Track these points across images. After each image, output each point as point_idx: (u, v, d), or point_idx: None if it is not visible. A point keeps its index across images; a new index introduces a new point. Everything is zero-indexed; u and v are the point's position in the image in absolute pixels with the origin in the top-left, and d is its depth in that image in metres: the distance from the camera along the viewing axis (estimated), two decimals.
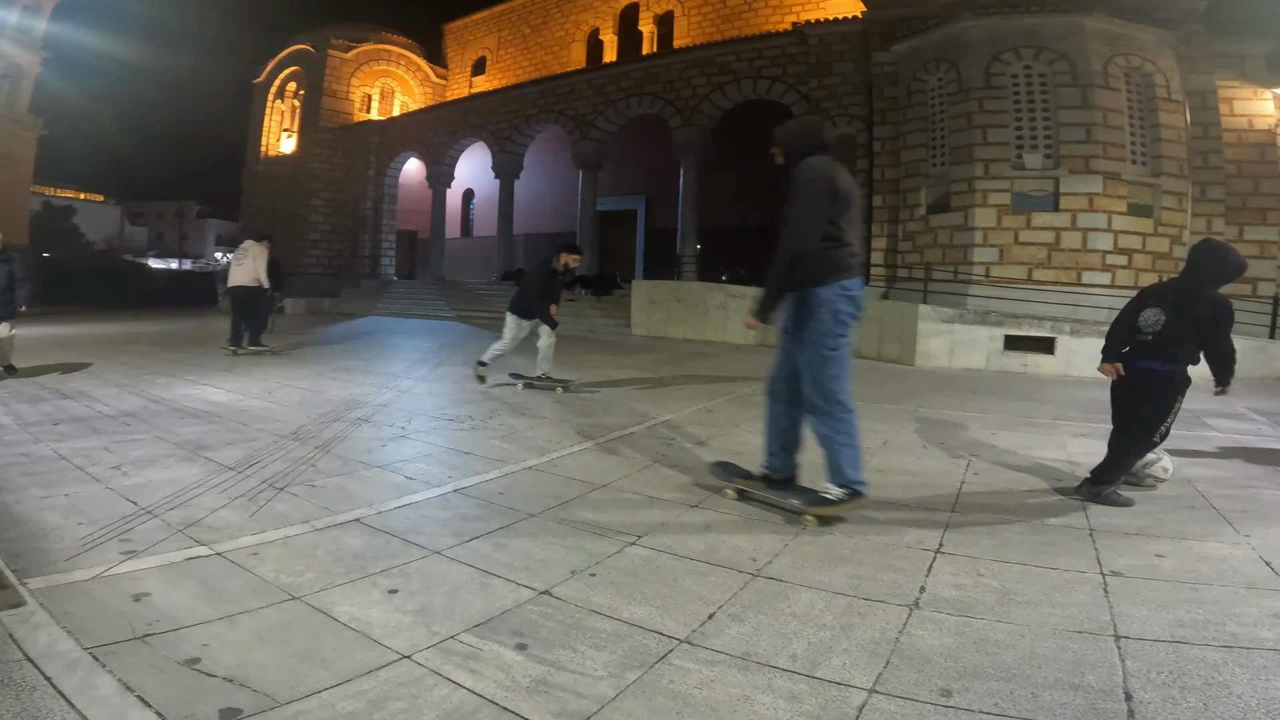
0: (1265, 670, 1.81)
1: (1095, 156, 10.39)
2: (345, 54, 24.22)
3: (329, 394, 6.02)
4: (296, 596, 2.20)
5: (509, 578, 2.40)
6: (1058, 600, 2.25)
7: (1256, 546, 2.73)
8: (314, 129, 23.62)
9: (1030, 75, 10.76)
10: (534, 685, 1.75)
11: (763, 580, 2.42)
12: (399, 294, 20.80)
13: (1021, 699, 1.69)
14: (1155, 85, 10.73)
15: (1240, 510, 3.23)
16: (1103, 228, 10.38)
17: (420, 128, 22.51)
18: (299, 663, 1.81)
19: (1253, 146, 11.28)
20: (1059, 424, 5.44)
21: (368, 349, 10.15)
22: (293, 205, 23.73)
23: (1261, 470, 4.07)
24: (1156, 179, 10.66)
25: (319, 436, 4.39)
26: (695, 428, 4.99)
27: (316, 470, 3.63)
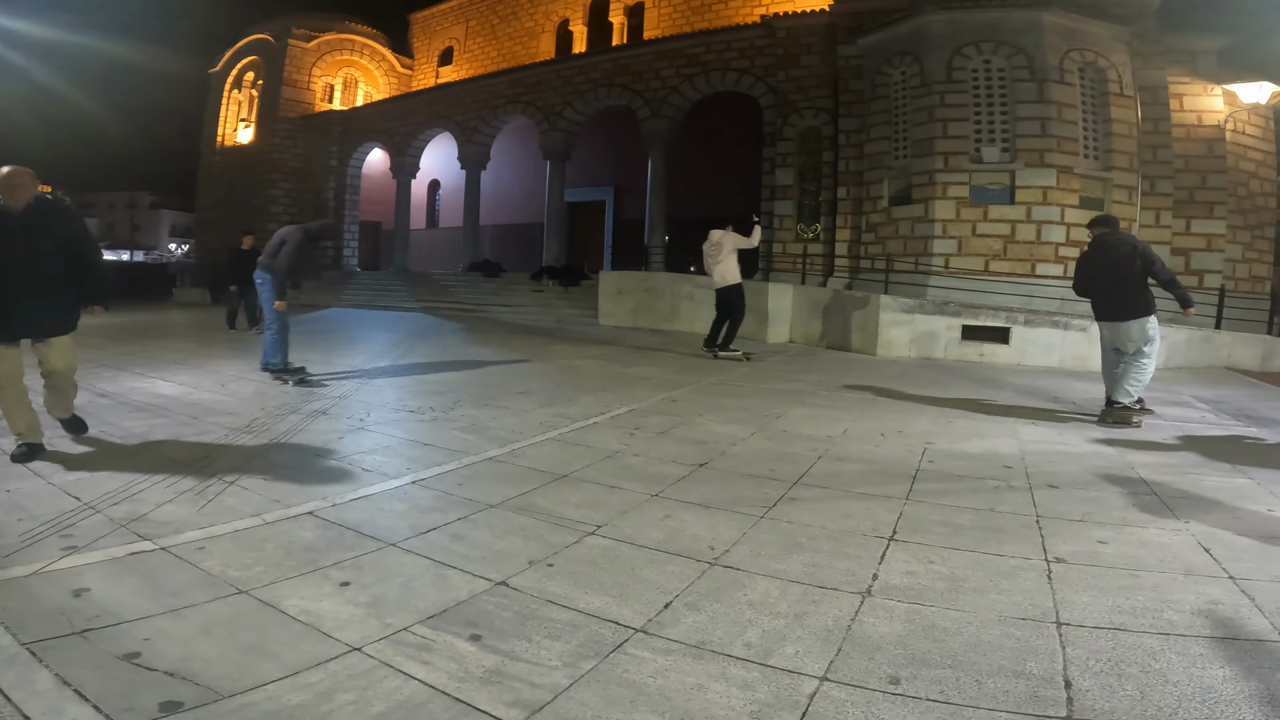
0: (1201, 659, 1.84)
1: (1050, 150, 10.59)
2: (307, 44, 23.67)
3: (286, 386, 5.87)
4: (244, 590, 2.15)
5: (465, 569, 2.37)
6: (1004, 587, 2.31)
7: (1196, 533, 2.82)
8: (273, 119, 23.08)
9: (990, 69, 10.93)
10: (487, 676, 1.74)
11: (720, 569, 2.43)
12: (362, 285, 20.42)
13: (966, 686, 1.72)
14: (1108, 80, 10.96)
15: (1181, 497, 3.34)
16: (1056, 220, 10.62)
17: (385, 118, 22.12)
18: (244, 656, 1.79)
19: (1201, 141, 11.54)
20: (1012, 411, 5.58)
21: (328, 340, 9.94)
22: (251, 196, 23.16)
23: (1203, 457, 4.22)
24: (1107, 173, 10.92)
25: (273, 429, 4.29)
26: (659, 417, 5.00)
27: (269, 463, 3.54)
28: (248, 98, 24.38)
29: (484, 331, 11.52)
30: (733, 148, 15.73)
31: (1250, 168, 12.17)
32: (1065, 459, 4.09)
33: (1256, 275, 12.26)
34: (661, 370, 7.42)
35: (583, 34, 22.03)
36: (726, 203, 16.40)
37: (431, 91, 21.84)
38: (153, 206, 58.50)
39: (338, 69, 24.74)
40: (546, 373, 7.13)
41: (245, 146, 24.10)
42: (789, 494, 3.31)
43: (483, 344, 9.65)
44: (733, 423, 4.89)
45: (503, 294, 16.65)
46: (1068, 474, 3.74)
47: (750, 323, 11.13)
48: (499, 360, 7.98)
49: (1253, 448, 4.46)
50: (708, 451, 4.07)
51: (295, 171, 23.42)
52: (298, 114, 23.37)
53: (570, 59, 18.75)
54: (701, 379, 6.89)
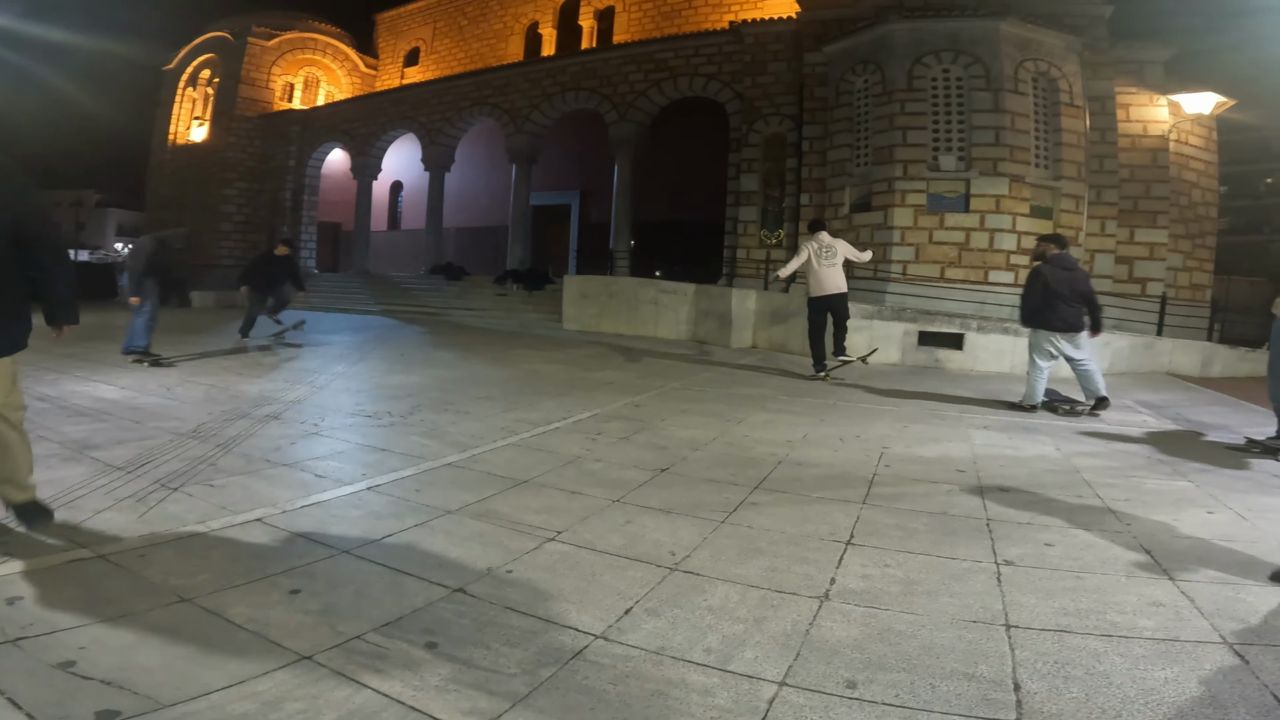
0: (1143, 660, 1.90)
1: (1003, 159, 10.82)
2: (267, 42, 23.12)
3: (236, 390, 5.69)
4: (186, 599, 2.08)
5: (422, 575, 2.33)
6: (956, 590, 2.35)
7: (1137, 535, 2.92)
8: (229, 117, 22.47)
9: (949, 78, 11.15)
10: (444, 684, 1.71)
11: (681, 574, 2.43)
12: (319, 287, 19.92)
13: (921, 690, 1.75)
14: (1060, 90, 11.23)
15: (1124, 499, 3.46)
16: (1008, 229, 10.86)
17: (347, 118, 21.71)
18: (187, 665, 1.73)
19: (1146, 151, 11.91)
20: (964, 417, 5.73)
21: None
22: (204, 195, 22.51)
23: (1145, 460, 4.38)
24: (1056, 182, 11.19)
25: (221, 434, 4.15)
26: (621, 422, 4.99)
27: (216, 469, 3.43)
28: (203, 95, 23.73)
29: (446, 335, 11.36)
30: (699, 153, 15.85)
31: (1192, 178, 12.61)
32: (1014, 462, 4.21)
33: (1197, 283, 12.74)
34: (625, 375, 7.41)
35: (552, 37, 21.97)
36: (692, 208, 16.54)
37: (396, 92, 21.53)
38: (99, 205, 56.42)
39: (299, 68, 24.22)
40: (508, 377, 7.06)
41: (199, 145, 23.42)
42: (749, 499, 3.33)
43: (444, 348, 9.52)
44: (695, 428, 4.91)
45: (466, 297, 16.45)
46: (1016, 477, 3.85)
47: (713, 328, 11.23)
48: (460, 364, 7.88)
49: (1192, 451, 4.65)
50: (670, 456, 4.08)
51: (251, 171, 22.82)
52: (255, 113, 22.80)
53: (539, 61, 18.66)
54: (665, 384, 6.91)
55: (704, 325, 11.45)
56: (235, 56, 22.78)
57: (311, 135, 22.47)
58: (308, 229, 22.95)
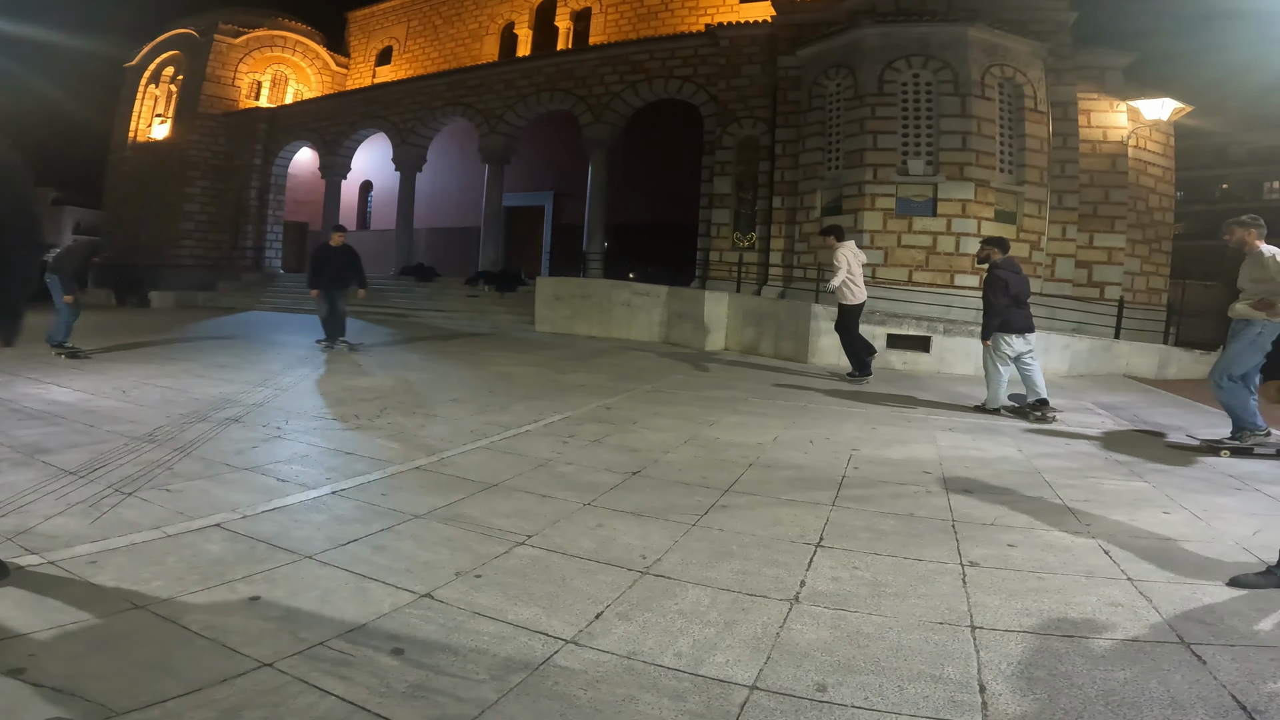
0: (1104, 660, 1.93)
1: (969, 164, 10.99)
2: (234, 39, 22.68)
3: (195, 393, 5.53)
4: (140, 605, 2.02)
5: (388, 581, 2.28)
6: (923, 591, 2.38)
7: (1096, 535, 2.99)
8: (193, 115, 21.97)
9: (918, 83, 11.30)
10: (411, 690, 1.68)
11: (651, 577, 2.43)
12: (285, 288, 19.55)
13: (889, 692, 1.76)
14: (1024, 96, 11.43)
15: (1083, 500, 3.54)
16: (973, 233, 10.94)
17: (316, 116, 21.36)
18: (141, 672, 1.67)
19: (1105, 157, 12.09)
20: (931, 419, 5.82)
21: (245, 345, 9.46)
22: (164, 194, 21.97)
23: (1104, 461, 4.50)
24: (1020, 187, 11.38)
25: (179, 438, 4.03)
26: (593, 425, 4.97)
27: (173, 474, 3.32)
28: (165, 93, 23.22)
29: (415, 337, 11.21)
30: (673, 156, 15.88)
31: (1150, 183, 12.91)
32: (978, 464, 4.28)
33: (1153, 287, 13.08)
34: (597, 377, 7.39)
35: (528, 38, 21.87)
36: (666, 210, 16.58)
37: (367, 91, 21.26)
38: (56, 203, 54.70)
39: (266, 65, 23.80)
40: (479, 379, 6.99)
41: (160, 143, 22.88)
42: (720, 501, 3.33)
43: (413, 349, 9.39)
44: (666, 430, 4.91)
45: (436, 299, 16.27)
46: (980, 479, 3.92)
47: (686, 330, 11.26)
48: (429, 366, 7.79)
49: (1148, 452, 4.78)
50: (641, 459, 4.07)
51: (214, 169, 22.34)
52: (220, 110, 22.35)
53: (514, 62, 18.56)
54: (637, 386, 6.90)
55: (677, 328, 11.48)
56: (200, 54, 22.32)
57: (279, 133, 22.07)
58: (273, 228, 22.54)
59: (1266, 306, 4.55)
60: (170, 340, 9.57)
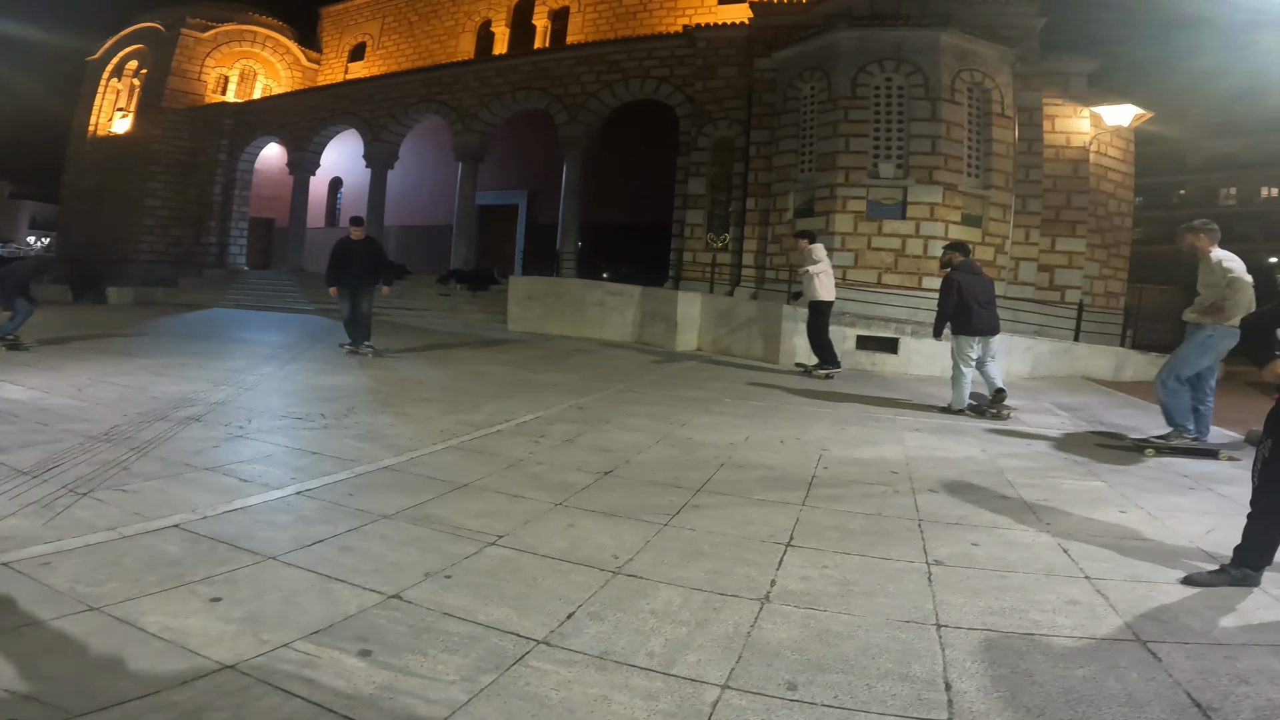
0: (1064, 658, 1.97)
1: (938, 168, 11.14)
2: (202, 34, 22.30)
3: (154, 391, 5.37)
4: (95, 607, 1.96)
5: (354, 582, 2.25)
6: (890, 590, 2.41)
7: (1056, 534, 3.06)
8: (156, 109, 21.52)
9: (890, 87, 11.42)
10: (378, 692, 1.66)
11: (624, 577, 2.42)
12: (250, 285, 19.13)
13: (858, 691, 1.78)
14: (992, 101, 11.61)
15: (1042, 499, 3.63)
16: (941, 236, 11.06)
17: (284, 112, 20.99)
18: (97, 674, 1.63)
19: (1068, 162, 12.34)
20: (899, 419, 5.92)
21: (207, 342, 9.23)
22: (125, 188, 21.46)
23: (1063, 461, 4.61)
24: (986, 191, 11.55)
25: (136, 437, 3.91)
26: (565, 425, 4.95)
27: (130, 473, 3.23)
28: (128, 87, 22.77)
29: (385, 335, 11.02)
30: (648, 156, 15.88)
31: (1110, 188, 13.23)
32: (944, 464, 4.36)
33: (1111, 291, 13.42)
34: (570, 377, 7.36)
35: (505, 36, 21.71)
36: (640, 210, 16.57)
37: (339, 87, 20.96)
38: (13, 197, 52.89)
39: (235, 60, 23.41)
40: (450, 378, 6.91)
41: (121, 137, 22.39)
42: (692, 501, 3.34)
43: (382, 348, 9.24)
44: (639, 430, 4.91)
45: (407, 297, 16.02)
46: (945, 478, 3.99)
47: (659, 330, 11.28)
48: (398, 365, 7.67)
49: (1105, 452, 4.92)
50: (613, 459, 4.06)
51: (177, 164, 21.90)
52: (185, 105, 21.95)
53: (490, 60, 18.43)
54: (610, 386, 6.89)
55: (650, 328, 11.49)
56: (166, 47, 21.92)
57: (245, 129, 21.68)
58: (238, 224, 22.15)
59: (1215, 311, 4.70)
60: (128, 337, 9.29)
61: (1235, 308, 4.63)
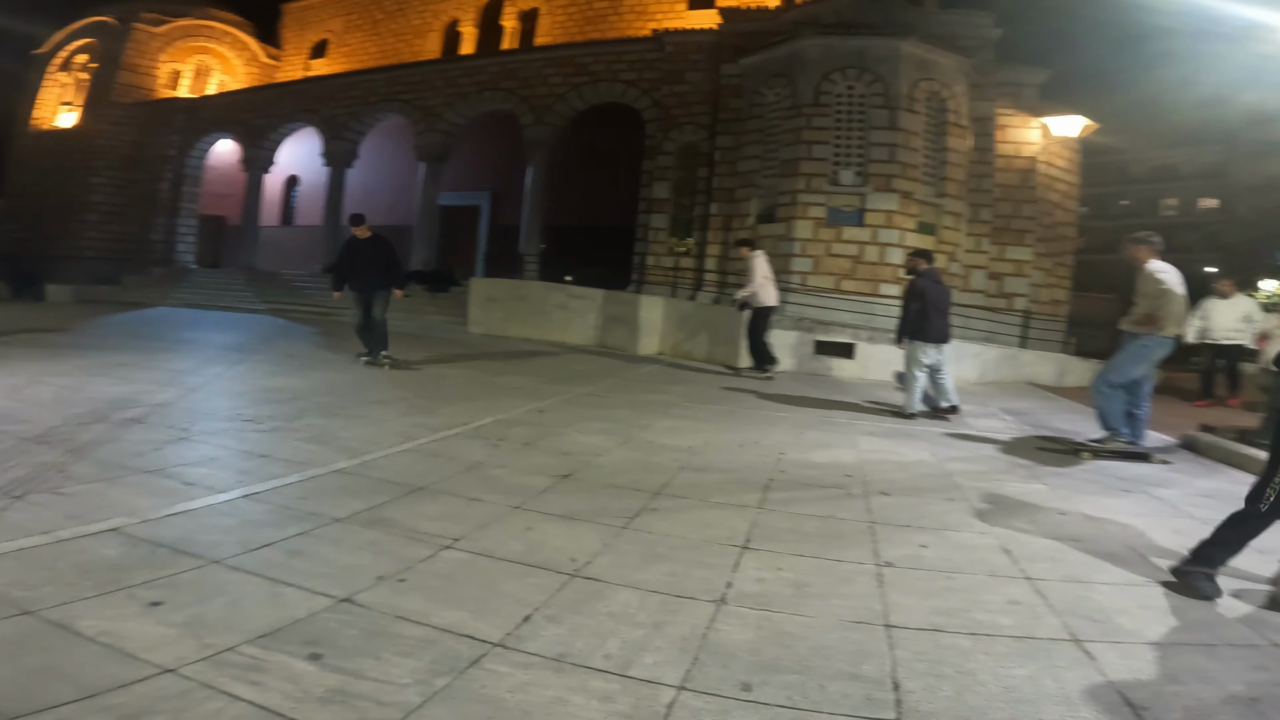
0: (1005, 658, 2.03)
1: (896, 176, 11.37)
2: (156, 28, 21.70)
3: (92, 392, 5.14)
4: (29, 611, 1.89)
5: (304, 586, 2.20)
6: (843, 591, 2.46)
7: (999, 536, 3.16)
8: (104, 104, 20.89)
9: (852, 95, 11.62)
10: (329, 695, 1.63)
11: (581, 580, 2.42)
12: (199, 283, 18.52)
13: (811, 691, 1.81)
14: (949, 110, 11.89)
15: (988, 502, 3.75)
16: (896, 243, 11.38)
17: (239, 108, 20.47)
18: (30, 678, 1.58)
19: (1018, 172, 12.67)
20: (854, 423, 6.05)
21: (151, 342, 8.90)
22: (68, 184, 20.75)
23: (1007, 465, 4.78)
24: (941, 199, 11.84)
25: (74, 439, 3.75)
26: (525, 428, 4.92)
27: (67, 476, 3.09)
28: (75, 80, 22.10)
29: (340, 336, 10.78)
30: (613, 159, 15.87)
31: (1057, 198, 13.62)
32: (895, 467, 4.48)
33: (1056, 299, 13.87)
34: (530, 380, 7.31)
35: (473, 36, 21.51)
36: (605, 213, 16.55)
37: (298, 84, 20.55)
38: None
39: (189, 55, 22.85)
40: (407, 381, 6.80)
41: (66, 131, 21.65)
42: (651, 504, 3.36)
43: (338, 350, 9.04)
44: (599, 434, 4.91)
45: None
46: (897, 481, 4.09)
47: (621, 334, 11.28)
48: (354, 367, 7.52)
49: (1046, 455, 5.10)
50: (573, 463, 4.05)
51: (124, 160, 21.23)
52: (134, 100, 21.33)
53: (456, 60, 18.27)
54: (571, 389, 6.87)
55: (612, 331, 11.49)
56: (118, 41, 21.30)
57: (198, 125, 21.12)
58: (187, 222, 21.51)
59: (1149, 321, 4.92)
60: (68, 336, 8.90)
61: (1168, 318, 4.86)
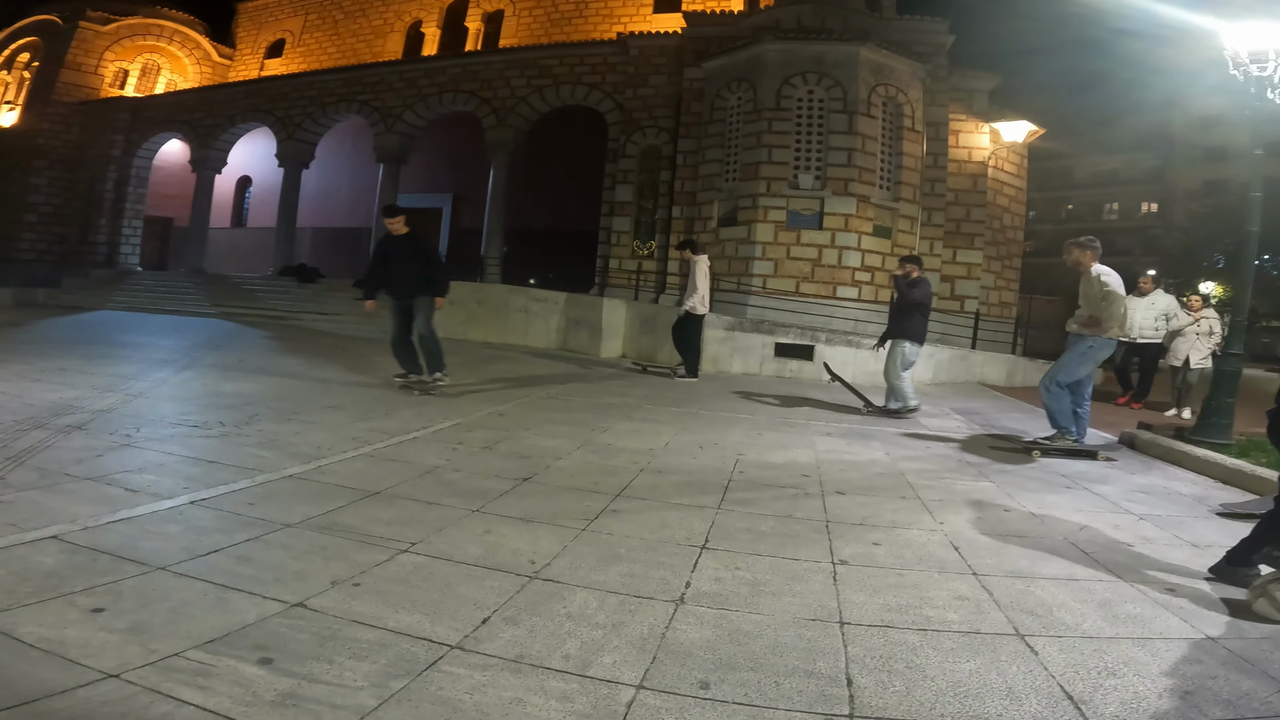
0: (952, 653, 2.08)
1: (853, 180, 11.67)
2: (102, 26, 21.11)
3: (31, 398, 4.92)
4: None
5: (254, 591, 2.15)
6: (798, 590, 2.50)
7: (948, 533, 3.26)
8: (45, 103, 20.28)
9: (812, 99, 11.87)
10: (280, 699, 1.60)
11: (540, 582, 2.42)
12: (143, 286, 17.85)
13: (767, 688, 1.83)
14: (904, 115, 12.23)
15: (938, 500, 3.86)
16: (854, 246, 11.69)
17: (189, 108, 19.91)
18: None
19: (968, 176, 13.12)
20: (811, 424, 6.16)
21: (92, 346, 8.55)
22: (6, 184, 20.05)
23: (957, 463, 4.92)
24: (895, 203, 12.17)
25: (11, 446, 3.58)
26: (484, 431, 4.88)
27: (3, 484, 2.96)
28: (18, 79, 21.38)
29: (295, 340, 10.54)
30: (576, 162, 15.88)
31: (1005, 202, 14.12)
32: (850, 467, 4.58)
33: (1005, 301, 14.36)
34: (491, 384, 7.25)
35: (435, 37, 21.25)
36: (567, 216, 16.53)
37: (252, 84, 20.07)
38: None
39: (137, 54, 22.18)
40: (364, 385, 6.68)
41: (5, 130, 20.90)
42: (610, 506, 3.37)
43: (291, 354, 8.84)
44: (559, 437, 4.90)
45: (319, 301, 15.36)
46: (851, 480, 4.19)
47: (584, 337, 11.27)
48: (309, 371, 7.36)
49: (995, 454, 5.28)
50: (532, 466, 4.04)
51: (65, 159, 20.61)
52: (78, 99, 20.68)
53: (417, 61, 18.05)
54: (530, 393, 6.84)
55: (574, 334, 11.47)
56: (62, 40, 20.73)
57: (144, 124, 20.51)
58: (131, 223, 20.82)
59: (1094, 323, 5.13)
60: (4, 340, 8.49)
61: (1111, 320, 5.07)
